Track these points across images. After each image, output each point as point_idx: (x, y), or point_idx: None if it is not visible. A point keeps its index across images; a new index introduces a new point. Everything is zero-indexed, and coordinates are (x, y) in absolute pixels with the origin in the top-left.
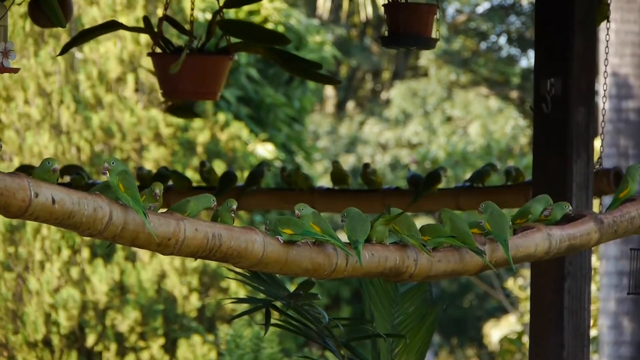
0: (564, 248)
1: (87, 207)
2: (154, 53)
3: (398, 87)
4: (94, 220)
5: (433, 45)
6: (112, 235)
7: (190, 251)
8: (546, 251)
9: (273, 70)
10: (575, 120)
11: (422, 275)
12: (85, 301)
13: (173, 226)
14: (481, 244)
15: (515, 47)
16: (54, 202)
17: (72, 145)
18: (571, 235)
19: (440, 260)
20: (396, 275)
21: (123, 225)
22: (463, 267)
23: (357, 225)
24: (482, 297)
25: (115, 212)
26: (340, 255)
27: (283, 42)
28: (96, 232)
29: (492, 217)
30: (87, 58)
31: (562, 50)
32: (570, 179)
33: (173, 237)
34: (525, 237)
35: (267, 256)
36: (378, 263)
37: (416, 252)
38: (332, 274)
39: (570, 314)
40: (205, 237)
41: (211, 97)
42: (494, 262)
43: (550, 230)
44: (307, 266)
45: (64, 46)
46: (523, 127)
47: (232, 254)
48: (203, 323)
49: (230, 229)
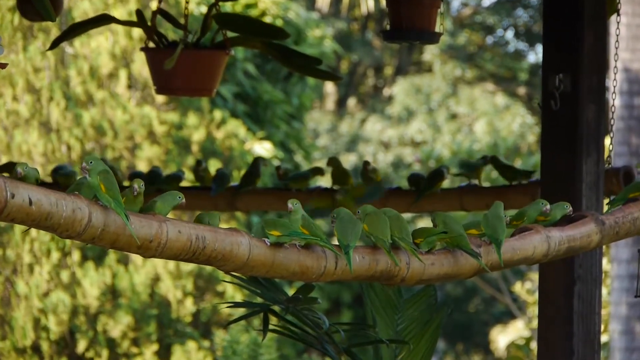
0: (563, 250)
1: (65, 208)
2: (147, 48)
3: (401, 83)
4: (72, 222)
5: (437, 40)
6: (92, 237)
7: (172, 254)
8: (544, 253)
9: (271, 66)
10: (585, 118)
11: (414, 279)
12: (75, 305)
13: (155, 228)
14: (476, 245)
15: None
16: (31, 203)
17: (62, 144)
18: (571, 236)
19: (433, 263)
20: (387, 279)
21: (103, 227)
22: (458, 270)
23: (347, 227)
24: (489, 301)
25: (95, 214)
26: (329, 258)
27: (281, 37)
28: (75, 234)
29: (486, 218)
30: (77, 53)
31: (571, 44)
32: (579, 178)
33: (155, 240)
34: (523, 239)
35: (253, 259)
36: (368, 266)
37: (408, 255)
38: (321, 277)
39: (580, 318)
40: (189, 240)
41: (207, 93)
42: (489, 265)
43: (549, 231)
44: (294, 269)
45: (54, 41)
46: (531, 125)
47: (216, 257)
48: (198, 328)
49: (214, 231)
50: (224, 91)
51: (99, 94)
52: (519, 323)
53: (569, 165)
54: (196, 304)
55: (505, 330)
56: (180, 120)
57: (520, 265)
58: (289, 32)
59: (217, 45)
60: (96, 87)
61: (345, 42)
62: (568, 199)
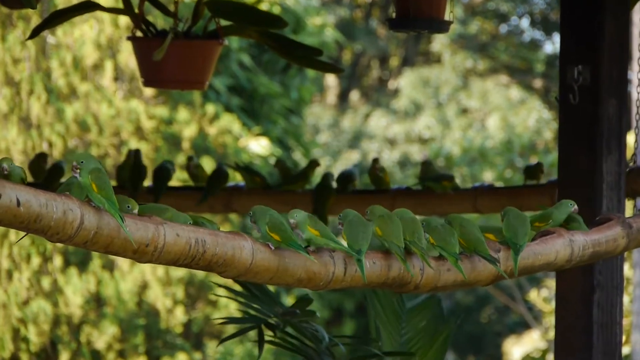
0: (588, 255)
1: (56, 209)
2: (134, 37)
3: (408, 75)
4: (63, 224)
5: (447, 29)
6: (84, 240)
7: (170, 259)
8: (568, 259)
9: (268, 57)
10: (606, 113)
11: (429, 285)
12: (57, 315)
13: (152, 231)
14: (495, 250)
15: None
16: (19, 204)
17: (43, 140)
18: (595, 241)
19: (449, 269)
20: (400, 286)
21: (96, 229)
22: (475, 277)
23: (358, 231)
24: (502, 310)
25: (88, 215)
26: (337, 264)
27: (279, 25)
28: (66, 238)
29: (508, 221)
30: (60, 43)
31: (592, 34)
32: (599, 178)
33: (151, 243)
34: (545, 244)
35: (256, 264)
36: (380, 272)
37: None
38: (329, 285)
39: (600, 329)
40: (188, 243)
41: (198, 86)
42: (509, 271)
43: (572, 235)
44: (300, 275)
45: (35, 29)
46: (548, 120)
47: (217, 262)
48: (189, 339)
49: (215, 235)
50: (217, 84)
51: (83, 87)
52: (535, 334)
53: (588, 164)
54: (187, 314)
55: (519, 341)
56: (170, 115)
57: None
58: (287, 20)
59: (210, 35)
60: (80, 79)
61: (348, 31)
62: (587, 200)
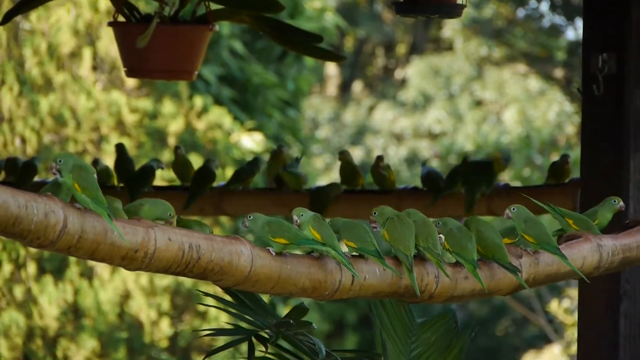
0: (617, 262)
1: (36, 211)
2: (116, 22)
3: (416, 64)
4: (45, 228)
5: (459, 13)
6: (67, 246)
7: (162, 266)
8: (595, 266)
9: (262, 44)
10: (633, 105)
11: (444, 295)
12: (31, 327)
13: (141, 235)
14: (516, 256)
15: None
16: None
17: (16, 136)
18: (626, 246)
19: (466, 277)
20: (413, 296)
21: (80, 233)
22: (495, 286)
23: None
24: (520, 322)
25: (71, 218)
26: (345, 271)
27: (274, 9)
28: (47, 243)
29: (528, 224)
30: (34, 29)
31: (618, 19)
32: (626, 176)
33: (141, 249)
34: (571, 249)
35: (256, 272)
36: (391, 280)
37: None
38: (335, 294)
39: (628, 342)
40: (181, 249)
41: (186, 76)
42: (531, 281)
43: (600, 240)
44: (304, 284)
45: (6, 14)
46: (570, 114)
47: (213, 269)
48: (176, 354)
49: (211, 239)
50: (206, 73)
51: (59, 77)
52: (556, 348)
53: (613, 161)
54: (173, 326)
55: (539, 356)
56: (154, 108)
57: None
58: (284, 3)
59: (199, 20)
60: (55, 68)
61: (350, 15)
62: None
